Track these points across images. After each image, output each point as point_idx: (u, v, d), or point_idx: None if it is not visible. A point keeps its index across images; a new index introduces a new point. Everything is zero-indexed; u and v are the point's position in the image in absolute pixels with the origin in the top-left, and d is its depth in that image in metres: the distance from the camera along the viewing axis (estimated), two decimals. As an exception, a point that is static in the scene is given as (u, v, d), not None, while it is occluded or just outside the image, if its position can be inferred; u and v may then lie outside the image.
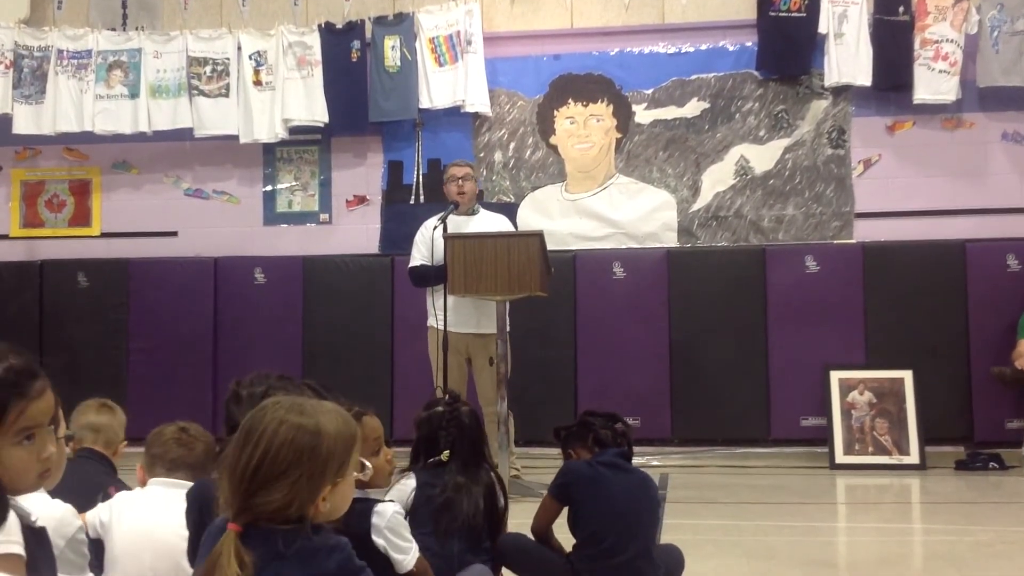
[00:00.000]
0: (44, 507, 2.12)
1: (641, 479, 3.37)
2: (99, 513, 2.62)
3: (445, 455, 3.11)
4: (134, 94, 8.03)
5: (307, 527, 1.81)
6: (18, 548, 1.65)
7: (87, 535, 2.29)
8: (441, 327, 5.88)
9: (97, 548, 2.54)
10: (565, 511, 3.33)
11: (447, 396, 3.32)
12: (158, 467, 2.72)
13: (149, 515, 2.56)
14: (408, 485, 3.09)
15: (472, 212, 6.29)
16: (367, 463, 2.01)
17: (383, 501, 2.61)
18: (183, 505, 2.41)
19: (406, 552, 2.51)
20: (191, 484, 2.58)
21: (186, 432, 2.73)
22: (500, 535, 3.21)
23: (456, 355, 6.00)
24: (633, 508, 3.25)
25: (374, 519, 2.46)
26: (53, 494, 2.19)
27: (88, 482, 2.96)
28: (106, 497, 2.78)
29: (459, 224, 6.05)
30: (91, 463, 3.10)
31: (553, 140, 7.98)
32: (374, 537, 2.44)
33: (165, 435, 2.75)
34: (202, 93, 8.01)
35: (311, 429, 1.81)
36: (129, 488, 2.97)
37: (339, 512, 1.91)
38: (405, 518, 2.65)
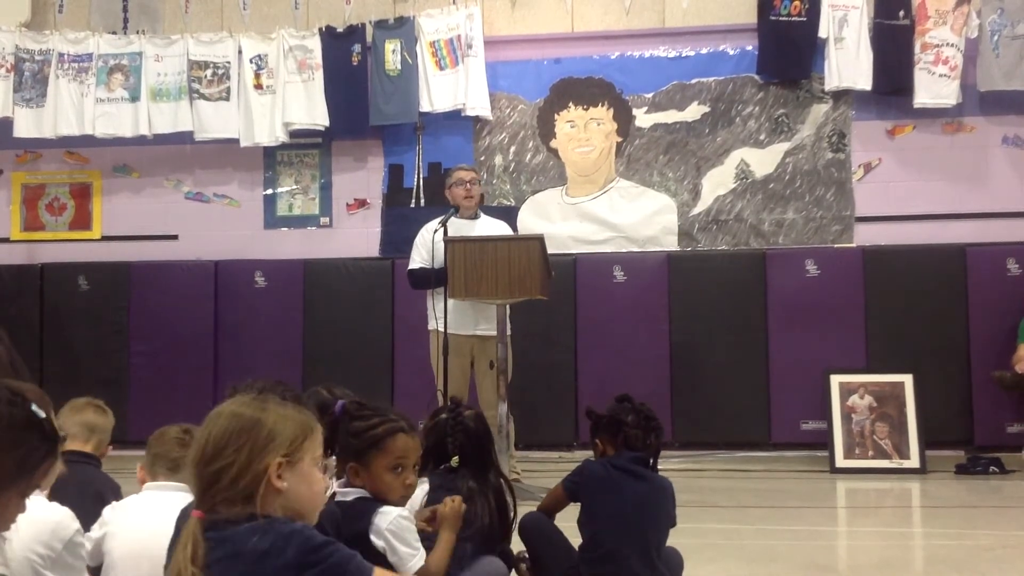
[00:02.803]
0: (42, 511, 2.12)
1: (655, 487, 3.32)
2: (89, 535, 2.60)
3: (455, 461, 3.11)
4: (135, 97, 8.03)
5: (263, 516, 1.82)
6: (4, 571, 1.66)
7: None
8: (442, 330, 5.87)
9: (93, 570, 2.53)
10: (576, 507, 3.34)
11: (449, 402, 3.31)
12: (159, 466, 2.72)
13: (146, 522, 2.55)
14: (420, 490, 3.09)
15: (474, 217, 6.29)
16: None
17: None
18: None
19: (408, 558, 2.47)
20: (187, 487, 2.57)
21: (189, 434, 2.73)
22: (510, 535, 3.22)
23: (458, 357, 5.97)
24: (640, 515, 3.23)
25: (376, 519, 2.44)
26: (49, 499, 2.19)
27: (88, 488, 2.94)
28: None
29: (461, 228, 6.04)
30: (87, 467, 3.08)
31: (553, 144, 7.98)
32: (372, 537, 2.43)
33: (168, 435, 2.76)
34: (203, 96, 8.01)
35: (252, 414, 1.92)
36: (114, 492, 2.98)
37: (307, 501, 1.93)
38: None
